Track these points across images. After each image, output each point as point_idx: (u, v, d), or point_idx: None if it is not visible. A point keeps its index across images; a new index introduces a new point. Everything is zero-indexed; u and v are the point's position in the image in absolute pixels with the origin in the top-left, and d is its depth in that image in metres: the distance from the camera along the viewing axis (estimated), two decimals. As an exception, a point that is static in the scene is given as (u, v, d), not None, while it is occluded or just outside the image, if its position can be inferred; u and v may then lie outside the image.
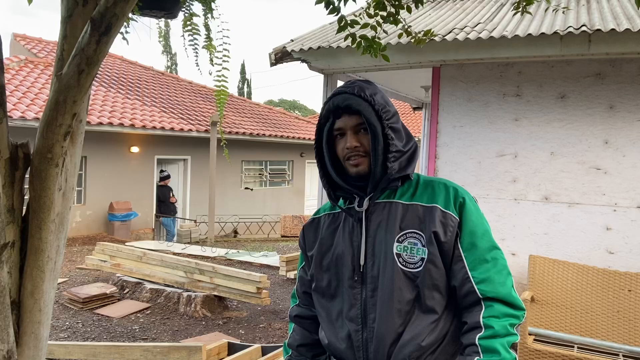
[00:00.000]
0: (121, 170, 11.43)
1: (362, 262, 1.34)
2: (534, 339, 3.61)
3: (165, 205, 11.89)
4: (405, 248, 1.30)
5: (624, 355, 3.44)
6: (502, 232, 4.33)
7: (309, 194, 16.62)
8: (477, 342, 1.23)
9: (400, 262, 1.29)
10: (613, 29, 3.56)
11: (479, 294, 1.27)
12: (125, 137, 11.33)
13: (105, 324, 5.09)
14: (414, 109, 9.09)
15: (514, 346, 1.25)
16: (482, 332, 1.24)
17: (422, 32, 2.61)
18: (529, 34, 3.78)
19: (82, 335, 4.73)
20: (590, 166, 4.07)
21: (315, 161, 1.50)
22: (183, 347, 3.72)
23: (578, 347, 3.53)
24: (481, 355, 1.22)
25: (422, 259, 1.29)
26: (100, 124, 10.10)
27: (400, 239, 1.31)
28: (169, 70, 28.05)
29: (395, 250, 1.30)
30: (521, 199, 4.31)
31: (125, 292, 6.10)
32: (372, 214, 1.36)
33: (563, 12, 3.59)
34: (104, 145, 10.87)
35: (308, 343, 1.53)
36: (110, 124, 10.36)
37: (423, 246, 1.29)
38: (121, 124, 10.61)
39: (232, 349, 3.91)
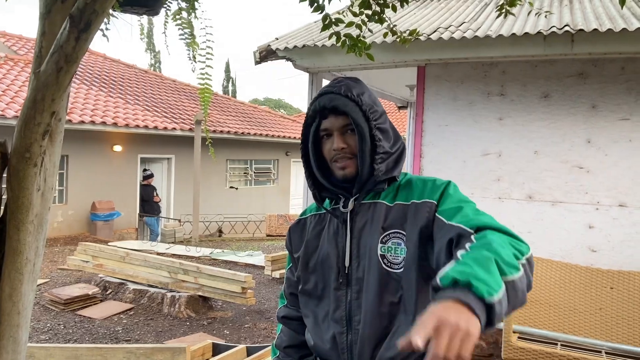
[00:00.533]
0: (104, 170, 11.28)
1: (347, 264, 1.32)
2: (518, 337, 3.64)
3: (148, 204, 11.77)
4: (389, 249, 1.28)
5: (606, 352, 3.48)
6: (487, 231, 4.35)
7: (295, 192, 16.59)
8: (467, 247, 1.06)
9: (384, 263, 1.27)
10: (595, 29, 3.60)
11: (466, 228, 1.14)
12: (107, 135, 11.19)
13: (87, 325, 5.01)
14: (399, 107, 9.12)
15: (523, 261, 1.05)
16: (471, 243, 1.08)
17: (408, 32, 2.60)
18: (513, 34, 3.80)
19: (64, 337, 4.65)
20: (573, 165, 4.11)
21: (300, 160, 1.47)
22: (167, 348, 3.67)
23: (562, 345, 3.57)
24: (468, 250, 1.05)
25: (404, 259, 1.27)
26: (82, 122, 9.95)
27: (383, 240, 1.29)
28: (152, 68, 27.78)
29: (379, 252, 1.28)
30: (505, 198, 4.33)
31: (107, 292, 6.01)
32: (356, 215, 1.34)
33: (545, 16, 3.62)
34: (86, 144, 10.72)
35: (295, 344, 1.52)
36: (92, 122, 10.22)
37: (405, 245, 1.27)
38: (103, 123, 10.47)
39: (216, 349, 3.88)
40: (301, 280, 1.44)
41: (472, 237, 1.11)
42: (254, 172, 15.60)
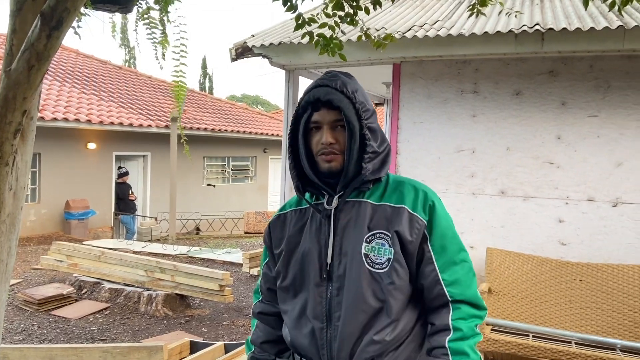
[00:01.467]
0: (77, 167, 11.09)
1: (329, 261, 1.33)
2: (492, 329, 3.72)
3: (124, 202, 11.61)
4: (373, 249, 1.30)
5: (576, 343, 3.59)
6: (461, 226, 4.43)
7: (273, 190, 16.55)
8: (446, 345, 1.27)
9: (367, 263, 1.29)
10: (564, 28, 3.69)
11: (448, 296, 1.31)
12: (81, 133, 11.00)
13: (62, 325, 4.95)
14: (376, 104, 9.19)
15: (477, 345, 1.31)
16: (450, 335, 1.28)
17: (382, 35, 2.64)
18: (485, 32, 3.88)
19: (38, 338, 4.59)
20: (544, 161, 4.21)
21: (278, 157, 1.50)
22: (144, 347, 3.65)
23: (533, 336, 3.66)
24: (450, 357, 1.26)
25: (389, 259, 1.29)
26: (55, 119, 9.76)
27: (368, 239, 1.31)
28: (127, 64, 27.35)
29: (363, 251, 1.30)
30: (479, 193, 4.42)
31: (83, 292, 5.94)
32: (340, 213, 1.35)
33: (515, 16, 3.70)
34: (59, 141, 10.52)
35: (272, 339, 1.53)
36: (66, 119, 10.03)
37: (390, 246, 1.30)
38: (77, 120, 10.29)
39: (194, 347, 3.87)
40: (281, 276, 1.44)
41: (449, 316, 1.30)
42: (232, 170, 15.52)
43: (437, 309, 1.33)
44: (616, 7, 1.93)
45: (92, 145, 11.34)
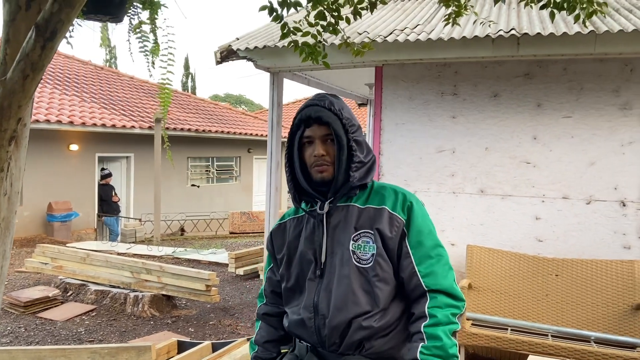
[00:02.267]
0: (60, 169, 11.01)
1: (323, 259, 1.50)
2: (472, 324, 3.84)
3: (107, 204, 11.56)
4: (359, 246, 1.47)
5: (552, 335, 3.73)
6: (442, 224, 4.56)
7: (257, 190, 16.58)
8: (422, 330, 1.39)
9: (355, 259, 1.47)
10: (539, 33, 3.83)
11: (424, 286, 1.44)
12: (63, 134, 10.92)
13: (49, 327, 4.96)
14: (359, 105, 9.29)
15: (454, 334, 1.41)
16: (426, 321, 1.40)
17: (361, 44, 2.75)
18: (464, 37, 4.00)
19: (25, 340, 4.60)
20: (521, 160, 4.35)
21: (262, 157, 1.63)
22: (132, 347, 3.70)
23: (512, 330, 3.79)
24: (425, 341, 1.37)
25: (373, 255, 1.46)
26: (37, 121, 9.69)
27: (355, 238, 1.48)
28: (108, 64, 27.08)
29: (351, 248, 1.48)
30: (459, 192, 4.55)
31: (68, 294, 5.94)
32: (331, 216, 1.53)
33: (489, 26, 3.84)
34: (41, 143, 10.43)
35: (274, 339, 1.68)
36: (48, 121, 9.96)
37: (373, 243, 1.47)
38: (59, 121, 10.22)
39: (182, 347, 3.92)
40: (284, 279, 1.61)
41: (426, 305, 1.42)
42: (216, 170, 15.51)
43: (417, 299, 1.47)
44: (581, 20, 2.05)
45: (74, 147, 11.26)
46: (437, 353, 1.35)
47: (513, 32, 3.90)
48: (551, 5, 2.36)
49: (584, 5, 2.10)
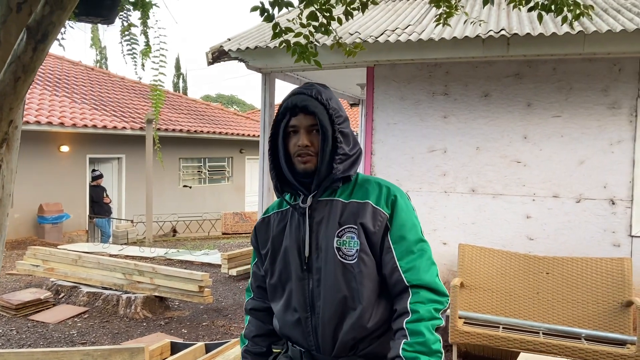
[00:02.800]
0: (50, 171, 10.93)
1: (306, 254, 1.47)
2: (464, 322, 3.87)
3: (99, 205, 11.49)
4: (344, 242, 1.44)
5: (543, 333, 3.77)
6: (434, 223, 4.59)
7: (250, 190, 16.55)
8: (404, 326, 1.36)
9: (340, 255, 1.43)
10: (528, 33, 3.86)
11: (405, 281, 1.41)
12: (54, 136, 10.85)
13: (41, 330, 4.93)
14: (352, 105, 9.32)
15: (438, 329, 1.39)
16: (409, 317, 1.37)
17: (353, 45, 2.77)
18: (454, 37, 4.03)
19: (17, 343, 4.57)
20: (512, 160, 4.39)
21: (255, 157, 1.61)
22: (125, 349, 3.69)
23: (503, 327, 3.83)
24: (408, 337, 1.35)
25: (357, 250, 1.43)
26: (27, 122, 9.61)
27: (339, 234, 1.45)
28: (99, 65, 26.91)
29: (335, 245, 1.44)
30: (451, 192, 4.57)
31: (60, 296, 5.91)
32: (314, 211, 1.49)
33: (480, 25, 3.87)
34: (32, 144, 10.35)
35: (263, 333, 1.66)
36: (38, 122, 9.89)
37: (357, 238, 1.43)
38: (49, 123, 10.15)
39: (175, 348, 3.92)
40: (269, 274, 1.58)
41: (408, 300, 1.39)
42: (208, 171, 15.47)
43: (399, 294, 1.43)
44: (568, 21, 2.08)
45: (65, 148, 11.19)
46: (420, 349, 1.32)
47: (503, 32, 3.94)
48: (539, 7, 2.38)
49: (571, 8, 2.13)
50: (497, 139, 4.42)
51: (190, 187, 14.64)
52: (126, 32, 2.23)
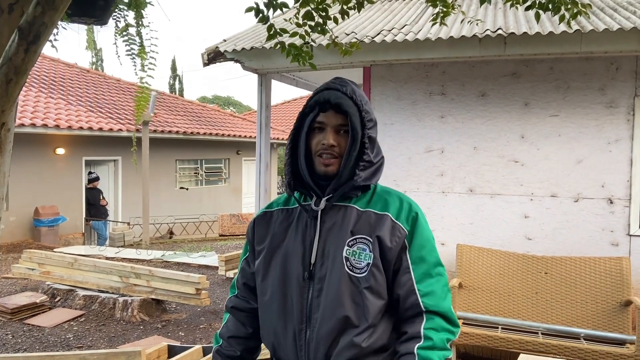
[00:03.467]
0: (46, 173, 10.88)
1: (312, 261, 1.35)
2: (463, 323, 3.85)
3: (95, 208, 11.44)
4: (354, 253, 1.32)
5: (542, 333, 3.75)
6: (432, 224, 4.54)
7: (247, 191, 16.52)
8: (415, 352, 1.28)
9: (347, 266, 1.32)
10: (525, 32, 3.85)
11: (422, 306, 1.33)
12: (49, 138, 10.80)
13: (37, 334, 4.89)
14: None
15: None
16: (421, 342, 1.29)
17: (349, 44, 2.75)
18: (451, 37, 4.01)
19: (13, 347, 4.53)
20: (509, 159, 4.38)
21: (252, 159, 1.54)
22: (121, 352, 3.66)
23: (502, 328, 3.81)
24: (421, 337, 1.28)
25: (368, 264, 1.31)
26: (22, 125, 9.56)
27: (350, 243, 1.33)
28: (94, 67, 26.85)
29: (344, 254, 1.32)
30: (448, 192, 4.56)
31: (56, 300, 5.87)
32: (326, 215, 1.37)
33: (477, 24, 3.85)
34: (27, 147, 10.30)
35: (240, 336, 1.53)
36: (33, 125, 9.84)
37: (370, 252, 1.32)
38: (45, 125, 10.09)
39: (172, 351, 3.89)
40: (261, 274, 1.44)
41: (422, 325, 1.32)
42: (205, 172, 15.43)
43: (411, 318, 1.35)
44: (566, 20, 2.07)
45: (60, 151, 11.14)
46: None
47: (500, 31, 3.93)
48: (536, 6, 2.37)
49: (569, 6, 2.11)
50: (494, 139, 4.41)
51: (187, 189, 14.60)
52: (124, 33, 2.20)
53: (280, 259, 1.41)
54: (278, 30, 2.25)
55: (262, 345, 1.56)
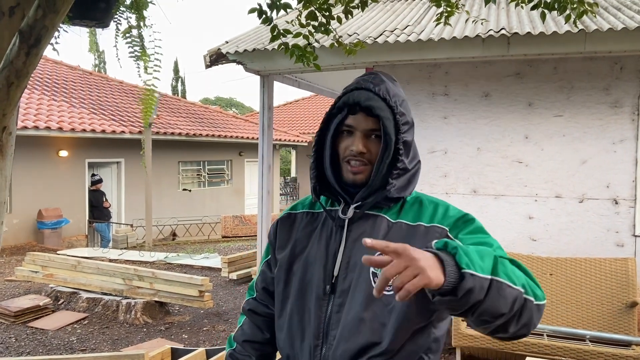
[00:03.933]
0: (50, 176, 10.90)
1: (335, 273, 1.23)
2: (467, 325, 3.83)
3: (98, 210, 11.46)
4: None
5: (547, 335, 3.72)
6: (436, 225, 4.54)
7: (249, 193, 16.52)
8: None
9: (374, 282, 1.16)
10: (529, 32, 3.83)
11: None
12: (52, 140, 10.82)
13: (40, 337, 4.89)
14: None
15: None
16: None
17: (353, 43, 2.73)
18: (454, 37, 4.00)
19: (16, 350, 4.53)
20: (513, 160, 4.35)
21: (254, 160, 1.45)
22: (125, 355, 3.65)
23: (507, 330, 3.78)
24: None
25: None
26: (25, 127, 9.58)
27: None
28: (97, 69, 26.92)
29: (372, 269, 1.18)
30: (452, 193, 4.54)
31: (60, 303, 5.87)
32: (354, 224, 1.24)
33: (482, 24, 3.83)
34: (30, 150, 10.32)
35: (256, 340, 1.44)
36: (36, 127, 9.85)
37: None
38: (48, 128, 10.11)
39: (175, 354, 3.88)
40: (281, 280, 1.33)
41: None
42: (207, 174, 15.43)
43: None
44: (572, 20, 2.05)
45: (63, 153, 11.16)
46: (486, 250, 1.01)
47: (503, 31, 3.91)
48: (542, 6, 2.35)
49: (575, 6, 2.10)
50: (498, 139, 4.38)
51: (190, 191, 14.61)
52: (127, 35, 2.19)
53: (300, 267, 1.29)
54: (281, 31, 2.24)
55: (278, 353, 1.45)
